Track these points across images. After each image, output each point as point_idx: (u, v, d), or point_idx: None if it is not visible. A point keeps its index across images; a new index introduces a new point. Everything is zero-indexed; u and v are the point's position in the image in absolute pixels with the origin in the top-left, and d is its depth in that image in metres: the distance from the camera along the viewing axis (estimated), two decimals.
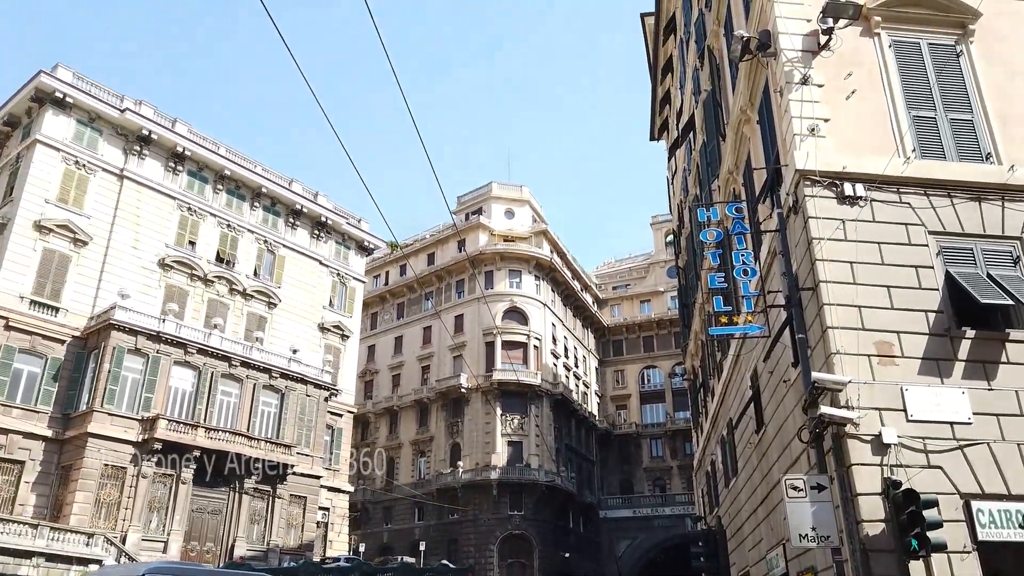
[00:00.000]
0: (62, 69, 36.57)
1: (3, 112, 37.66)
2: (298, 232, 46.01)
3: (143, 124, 38.57)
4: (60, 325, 33.85)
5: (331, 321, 46.47)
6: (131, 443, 32.51)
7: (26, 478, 31.11)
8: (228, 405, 36.88)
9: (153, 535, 32.09)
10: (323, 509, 41.58)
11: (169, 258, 38.62)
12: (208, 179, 41.95)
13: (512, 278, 61.92)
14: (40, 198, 34.61)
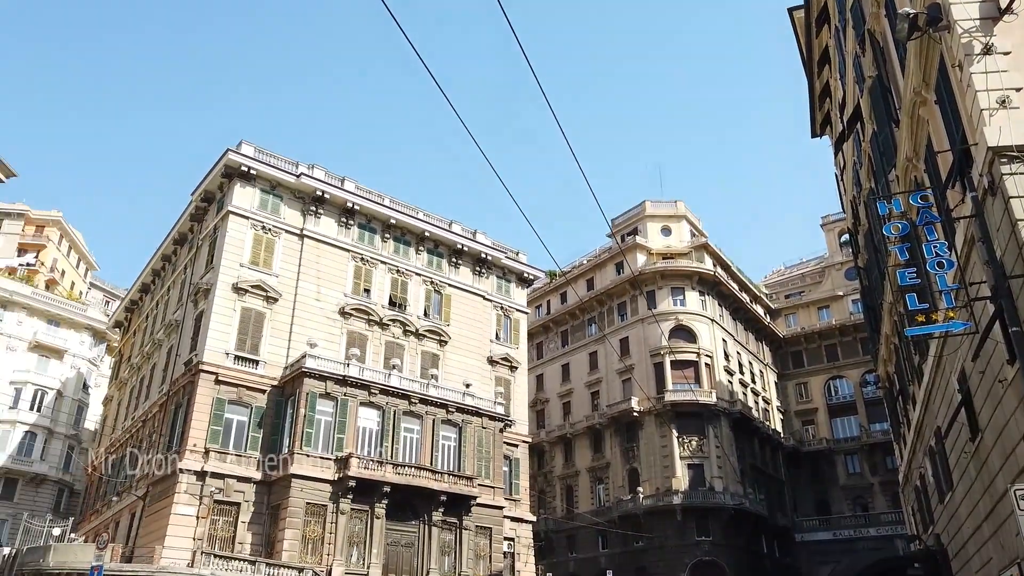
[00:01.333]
0: (245, 145, 40.70)
1: (200, 190, 42.43)
2: (461, 270, 47.78)
3: (317, 186, 41.94)
4: (260, 376, 37.15)
5: (499, 354, 47.57)
6: (328, 481, 34.79)
7: (242, 518, 34.13)
8: (411, 441, 38.60)
9: (355, 568, 33.97)
10: (508, 539, 42.20)
11: (348, 306, 41.40)
12: (376, 229, 44.72)
13: (675, 296, 60.48)
14: (236, 263, 38.44)
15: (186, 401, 35.96)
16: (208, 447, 34.18)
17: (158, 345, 44.72)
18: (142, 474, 38.35)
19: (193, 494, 33.04)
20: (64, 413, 62.92)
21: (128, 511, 38.20)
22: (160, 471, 35.48)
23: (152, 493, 35.65)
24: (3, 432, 59.07)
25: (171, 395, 38.35)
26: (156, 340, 45.40)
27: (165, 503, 33.33)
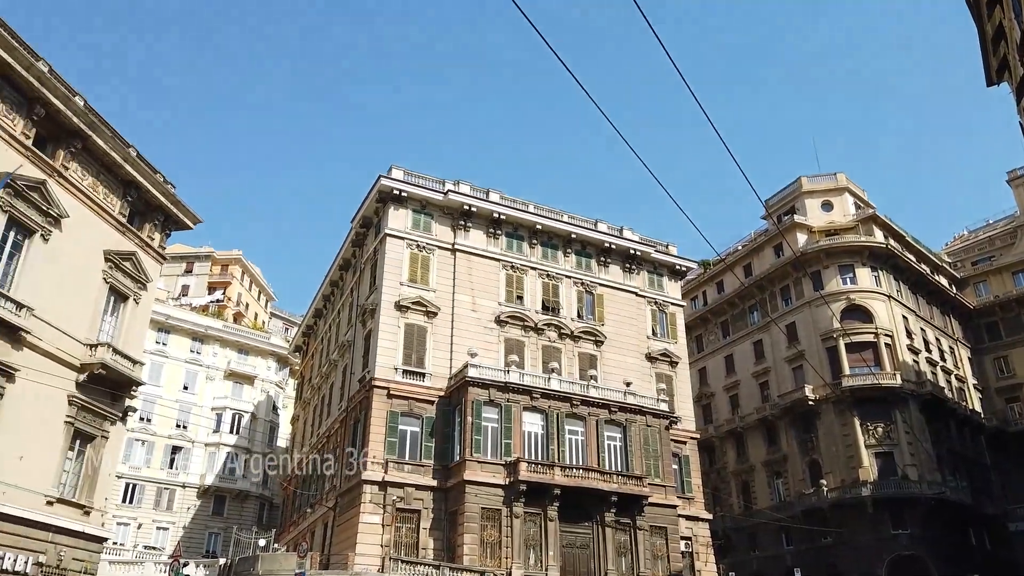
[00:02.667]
0: (395, 169, 42.79)
1: (358, 216, 45.05)
2: (611, 269, 47.41)
3: (464, 201, 43.26)
4: (427, 388, 38.75)
5: (657, 350, 46.67)
6: (500, 486, 35.59)
7: (423, 524, 35.68)
8: (576, 443, 38.69)
9: (533, 571, 34.48)
10: (685, 538, 41.18)
11: (503, 314, 42.28)
12: (524, 236, 45.39)
13: (844, 274, 56.58)
14: (396, 282, 40.42)
15: (363, 416, 38.18)
16: (386, 458, 36.07)
17: (334, 365, 47.87)
18: (330, 486, 41.16)
19: (377, 503, 34.97)
20: (259, 433, 68.97)
21: (321, 521, 41.07)
22: (346, 483, 37.93)
23: (341, 504, 38.12)
24: (209, 454, 65.67)
25: (349, 411, 40.87)
26: (332, 360, 48.63)
27: (353, 512, 35.51)
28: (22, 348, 25.77)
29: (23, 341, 25.78)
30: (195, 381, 67.38)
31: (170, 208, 33.90)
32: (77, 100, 28.46)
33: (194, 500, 63.77)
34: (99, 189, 30.27)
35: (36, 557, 25.16)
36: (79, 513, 27.65)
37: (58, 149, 28.38)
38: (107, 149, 29.99)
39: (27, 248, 26.72)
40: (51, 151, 28.15)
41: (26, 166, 26.34)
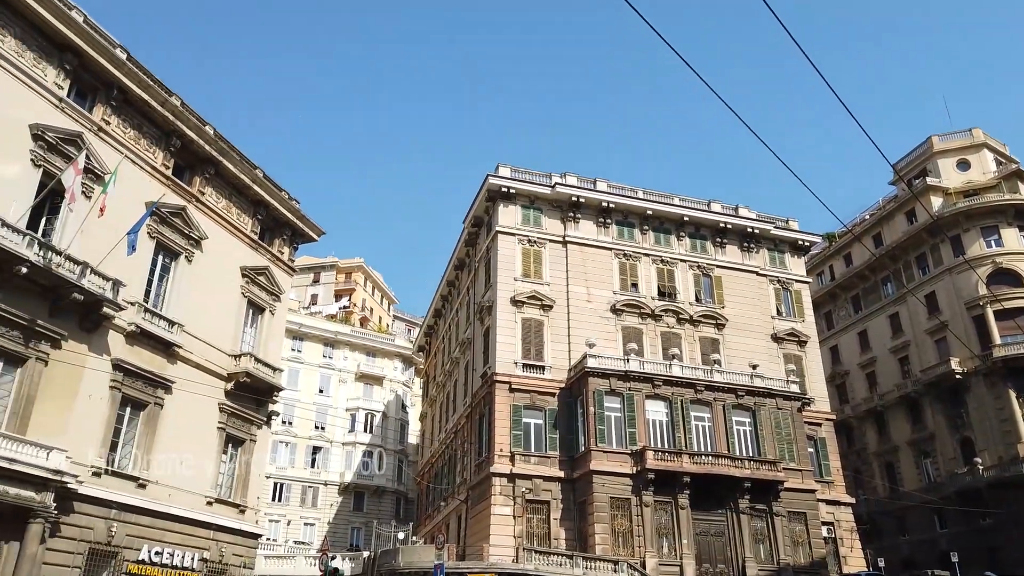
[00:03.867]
0: (502, 167, 43.35)
1: (469, 216, 45.98)
2: (727, 249, 46.02)
3: (572, 193, 43.25)
4: (548, 380, 39.07)
5: (783, 329, 44.90)
6: (627, 475, 35.40)
7: (553, 515, 36.05)
8: (703, 429, 37.88)
9: (667, 559, 34.11)
10: (826, 524, 39.48)
11: (619, 303, 41.96)
12: (635, 223, 44.82)
13: (987, 236, 52.21)
14: (510, 278, 40.97)
15: (487, 411, 39.01)
16: (512, 451, 36.68)
17: (456, 362, 49.15)
18: (461, 480, 42.35)
19: (507, 495, 35.65)
20: (391, 431, 71.87)
21: (455, 514, 42.34)
22: (475, 476, 38.92)
23: (472, 496, 39.16)
24: (346, 453, 69.06)
25: (474, 406, 41.87)
26: (454, 358, 49.95)
27: (484, 505, 36.38)
28: (176, 362, 28.10)
29: (176, 355, 28.11)
30: (329, 384, 71.00)
31: (296, 223, 35.92)
32: (207, 129, 30.65)
33: (336, 497, 67.28)
34: (232, 210, 32.50)
35: (201, 553, 27.42)
36: (235, 512, 29.87)
37: (194, 176, 30.70)
38: (237, 172, 32.16)
39: (174, 270, 29.10)
40: (188, 178, 30.48)
41: (168, 195, 28.67)
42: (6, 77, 23.21)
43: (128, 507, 24.85)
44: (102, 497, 24.00)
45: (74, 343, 24.08)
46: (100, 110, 26.57)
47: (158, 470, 26.45)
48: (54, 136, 24.29)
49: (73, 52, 25.32)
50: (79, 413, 23.97)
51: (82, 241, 24.13)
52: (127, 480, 25.32)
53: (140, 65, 27.63)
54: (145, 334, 26.72)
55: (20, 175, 23.27)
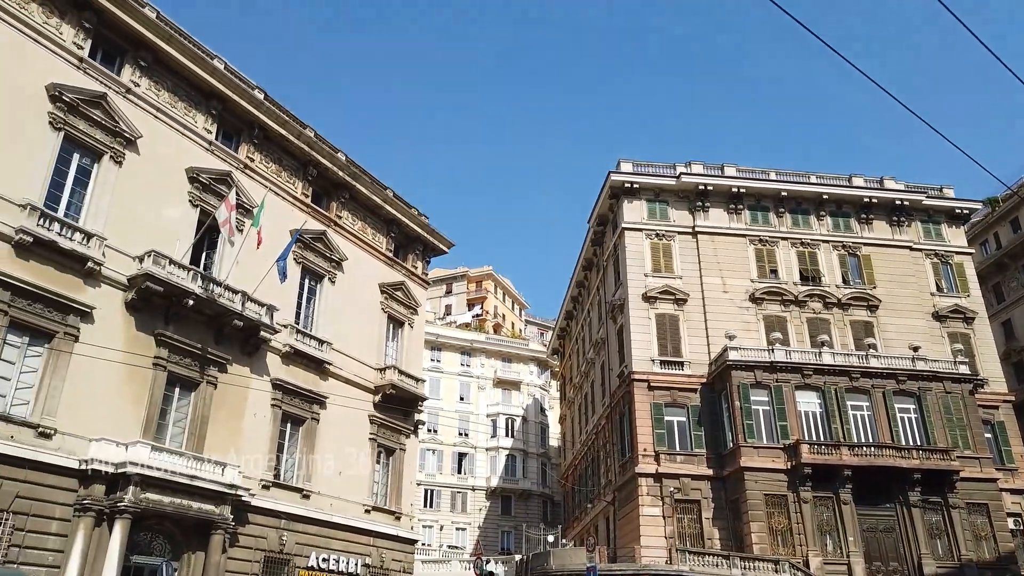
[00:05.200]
0: (624, 163, 42.74)
1: (593, 215, 45.65)
2: (874, 225, 43.02)
3: (698, 181, 41.95)
4: (687, 376, 38.00)
5: (945, 307, 41.37)
6: (781, 471, 33.76)
7: (705, 515, 34.96)
8: (861, 419, 35.53)
9: (832, 558, 32.22)
10: (1013, 515, 35.91)
11: (757, 291, 40.19)
12: (768, 207, 42.83)
13: None
14: (640, 274, 40.24)
15: (627, 410, 38.47)
16: (657, 450, 35.94)
17: (591, 363, 48.88)
18: (606, 481, 42.00)
19: (654, 495, 34.97)
20: (532, 435, 72.57)
21: (602, 516, 42.03)
22: (620, 477, 38.48)
23: (618, 498, 38.72)
24: (490, 458, 70.38)
25: (613, 407, 41.43)
26: (588, 359, 49.70)
27: (631, 506, 35.87)
28: (328, 378, 29.68)
29: (328, 372, 29.69)
30: (469, 391, 72.71)
31: (427, 237, 37.05)
32: (340, 155, 32.23)
33: (483, 501, 68.69)
34: (367, 231, 33.98)
35: (364, 559, 28.76)
36: (391, 519, 31.10)
37: (331, 202, 32.36)
38: (369, 194, 33.61)
39: (319, 291, 30.77)
40: (326, 204, 32.17)
41: (309, 221, 30.37)
42: (165, 128, 25.41)
43: (295, 517, 26.46)
44: (272, 508, 25.69)
45: (238, 366, 25.95)
46: (245, 149, 28.56)
47: (319, 481, 28.00)
48: (207, 177, 26.34)
49: (218, 98, 27.37)
50: (246, 431, 25.80)
51: (237, 271, 25.98)
52: (292, 491, 26.96)
53: (275, 102, 29.47)
54: (299, 354, 28.40)
55: (181, 216, 25.40)
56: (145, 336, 23.17)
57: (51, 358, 20.56)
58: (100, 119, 23.09)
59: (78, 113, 22.48)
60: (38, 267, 20.63)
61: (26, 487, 19.12)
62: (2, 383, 19.53)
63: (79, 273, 21.63)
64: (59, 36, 22.53)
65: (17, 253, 20.20)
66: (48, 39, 22.21)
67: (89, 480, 20.44)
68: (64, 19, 22.75)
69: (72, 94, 22.27)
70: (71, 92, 22.26)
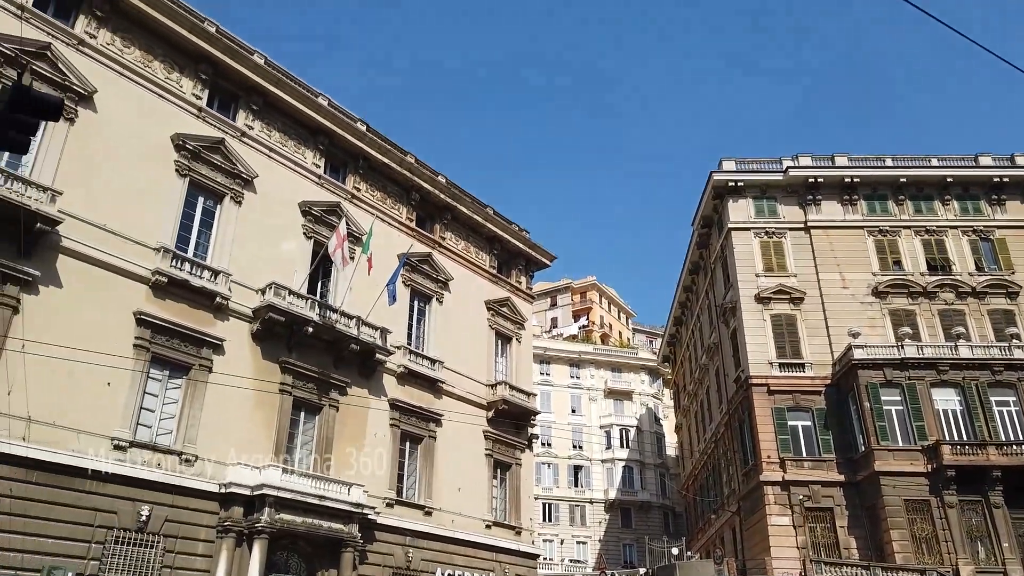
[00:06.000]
0: (726, 162, 41.53)
1: (697, 218, 44.56)
2: (1008, 206, 39.82)
3: (807, 174, 40.17)
4: (810, 378, 36.25)
5: None
6: (921, 474, 31.61)
7: (839, 523, 33.12)
8: (1009, 415, 32.82)
9: (987, 566, 29.77)
10: None
11: (881, 285, 37.96)
12: (886, 195, 40.47)
13: None
14: (750, 274, 38.85)
15: (746, 416, 37.11)
16: (781, 456, 34.44)
17: (705, 369, 47.54)
18: (729, 490, 40.61)
19: (782, 504, 33.49)
20: (647, 445, 71.29)
21: (728, 526, 40.62)
22: (744, 486, 37.10)
23: (744, 507, 37.33)
24: (606, 470, 69.62)
25: (731, 413, 40.07)
26: (702, 365, 48.37)
27: (759, 516, 34.48)
28: (441, 397, 30.27)
29: (441, 390, 30.29)
30: (580, 403, 72.33)
31: (529, 252, 37.29)
32: (440, 179, 33.00)
33: (602, 514, 67.95)
34: (470, 249, 34.57)
35: (487, 575, 29.00)
36: (512, 533, 31.24)
37: (434, 224, 33.16)
38: (470, 214, 34.22)
39: (429, 312, 31.51)
40: (429, 227, 32.98)
41: (415, 244, 31.22)
42: (278, 166, 26.86)
43: (419, 533, 27.04)
44: (397, 526, 26.37)
45: (357, 389, 26.89)
46: (351, 179, 29.75)
47: (440, 498, 28.52)
48: (318, 209, 27.60)
49: (324, 133, 28.68)
50: (368, 450, 26.64)
51: (351, 297, 27.00)
52: (415, 508, 27.58)
53: (377, 132, 30.56)
54: (412, 374, 29.14)
55: (297, 248, 26.70)
56: (271, 364, 24.42)
57: (189, 389, 22.00)
58: (220, 163, 24.67)
59: (200, 159, 24.11)
60: (173, 305, 22.16)
61: (173, 511, 20.47)
62: (147, 414, 21.05)
63: (209, 308, 23.08)
64: (179, 89, 24.29)
65: (154, 293, 21.79)
66: (170, 92, 23.98)
67: (228, 503, 21.65)
68: (183, 73, 24.52)
69: (194, 142, 23.93)
70: (193, 140, 23.92)
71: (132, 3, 22.95)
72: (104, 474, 19.16)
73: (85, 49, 21.94)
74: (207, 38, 24.72)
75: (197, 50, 24.64)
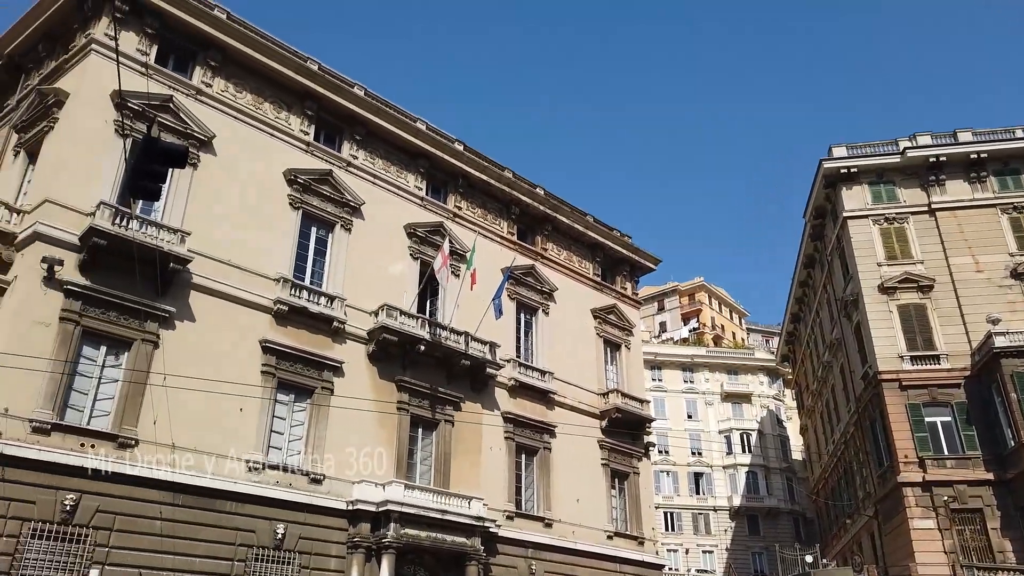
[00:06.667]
0: (836, 148, 39.56)
1: (810, 208, 42.59)
2: None
3: (927, 154, 37.62)
4: (946, 371, 33.77)
5: None
6: None
7: (990, 525, 30.57)
8: None
9: None
10: None
11: (1020, 266, 34.95)
12: (1019, 168, 37.27)
13: None
14: (871, 264, 36.70)
15: (877, 415, 35.00)
16: (920, 456, 32.21)
17: (828, 367, 45.25)
18: (864, 493, 38.38)
19: (924, 506, 31.30)
20: (771, 449, 68.48)
21: (865, 531, 38.36)
22: (880, 488, 34.96)
23: (881, 511, 35.16)
24: (728, 476, 67.40)
25: (860, 412, 37.91)
26: (824, 363, 46.08)
27: (899, 519, 32.38)
28: (553, 408, 30.29)
29: (553, 402, 30.33)
30: (696, 408, 70.47)
31: (632, 257, 36.86)
32: (538, 190, 33.21)
33: (727, 522, 65.74)
34: (573, 259, 34.53)
35: None
36: (634, 544, 30.76)
37: (535, 236, 33.36)
38: (570, 223, 34.23)
39: (535, 324, 31.68)
40: (531, 239, 33.21)
41: (517, 258, 31.50)
42: (382, 192, 27.84)
43: (540, 546, 27.09)
44: (518, 538, 26.52)
45: (470, 403, 27.34)
46: (452, 199, 30.43)
47: (558, 509, 28.47)
48: (423, 230, 28.38)
49: (424, 156, 29.49)
50: (485, 464, 26.98)
51: (459, 313, 27.51)
52: (534, 521, 27.65)
53: (474, 151, 31.15)
54: (523, 386, 29.32)
55: (404, 269, 27.53)
56: (387, 383, 25.22)
57: (313, 411, 23.03)
58: (329, 193, 25.83)
59: (311, 191, 25.34)
60: (294, 331, 23.30)
61: (306, 528, 21.44)
62: (277, 437, 22.19)
63: (327, 332, 24.12)
64: (288, 126, 25.65)
65: (277, 321, 22.99)
66: (280, 130, 25.36)
67: (356, 519, 22.47)
68: (291, 111, 25.88)
69: (304, 175, 25.18)
70: (303, 174, 25.18)
71: (242, 50, 24.48)
72: (242, 495, 20.34)
73: (202, 98, 23.57)
74: (311, 76, 26.00)
75: (302, 88, 25.96)
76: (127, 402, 19.36)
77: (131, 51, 21.88)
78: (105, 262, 19.68)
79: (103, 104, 21.13)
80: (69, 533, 17.53)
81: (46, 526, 17.25)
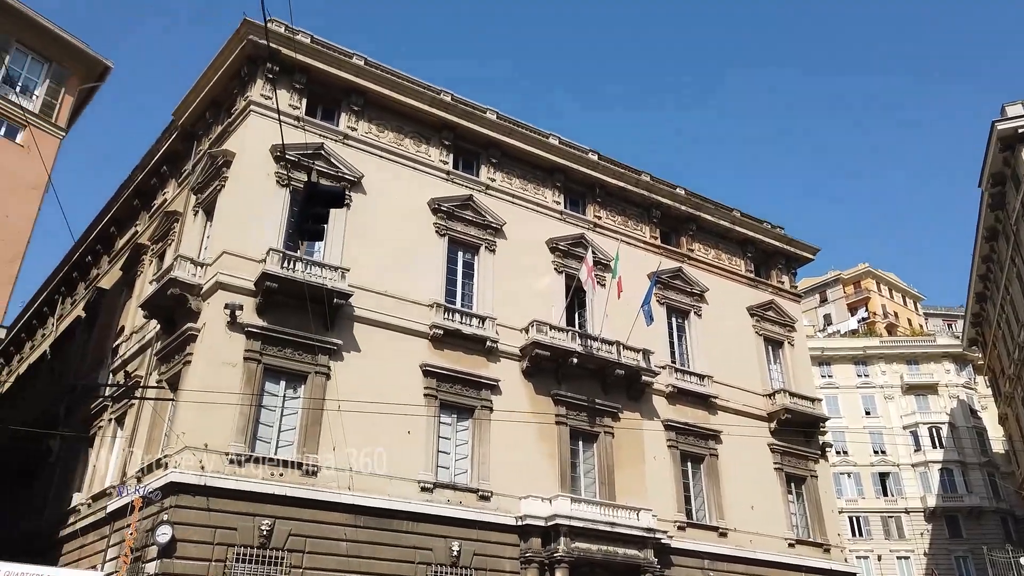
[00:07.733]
0: (1009, 107, 35.82)
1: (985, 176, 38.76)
2: None
3: None
4: None
5: None
6: None
7: None
8: None
9: None
10: None
11: None
12: None
13: None
14: None
15: None
16: None
17: None
18: None
19: None
20: (966, 442, 62.23)
21: None
22: None
23: None
24: (919, 474, 61.88)
25: None
26: (1021, 344, 41.44)
27: None
28: (716, 412, 29.24)
29: (715, 406, 29.30)
30: (874, 404, 65.48)
31: (787, 249, 35.05)
32: (679, 191, 32.42)
33: (923, 524, 60.32)
34: (722, 257, 33.34)
35: None
36: (819, 551, 28.94)
37: (679, 237, 32.56)
38: (716, 220, 33.11)
39: (688, 327, 30.83)
40: (675, 241, 32.45)
41: (663, 261, 30.84)
42: (521, 210, 28.27)
43: (717, 556, 26.12)
44: (692, 549, 25.73)
45: (628, 413, 26.96)
46: (591, 209, 30.37)
47: (732, 518, 27.35)
48: (565, 244, 28.50)
49: (559, 171, 29.68)
50: (650, 474, 26.45)
51: (608, 323, 27.29)
52: (708, 530, 26.73)
53: (608, 158, 30.97)
54: (682, 392, 28.55)
55: (550, 283, 27.72)
56: (544, 397, 25.42)
57: (476, 429, 23.63)
58: (471, 218, 26.59)
59: (454, 217, 26.21)
60: (451, 353, 24.09)
61: (479, 545, 21.95)
62: (444, 457, 22.95)
63: (482, 352, 24.72)
64: (428, 158, 26.73)
65: (433, 345, 23.87)
66: (421, 163, 26.48)
67: (526, 534, 22.72)
68: (429, 143, 26.98)
69: (447, 203, 26.10)
70: (446, 202, 26.11)
71: (381, 92, 25.89)
72: (416, 514, 21.20)
73: (349, 141, 25.10)
74: (445, 107, 27.00)
75: (438, 120, 27.00)
76: (307, 431, 20.79)
77: (284, 107, 23.67)
78: (277, 303, 21.34)
79: (264, 159, 23.04)
80: (267, 556, 18.99)
81: (247, 550, 18.77)
